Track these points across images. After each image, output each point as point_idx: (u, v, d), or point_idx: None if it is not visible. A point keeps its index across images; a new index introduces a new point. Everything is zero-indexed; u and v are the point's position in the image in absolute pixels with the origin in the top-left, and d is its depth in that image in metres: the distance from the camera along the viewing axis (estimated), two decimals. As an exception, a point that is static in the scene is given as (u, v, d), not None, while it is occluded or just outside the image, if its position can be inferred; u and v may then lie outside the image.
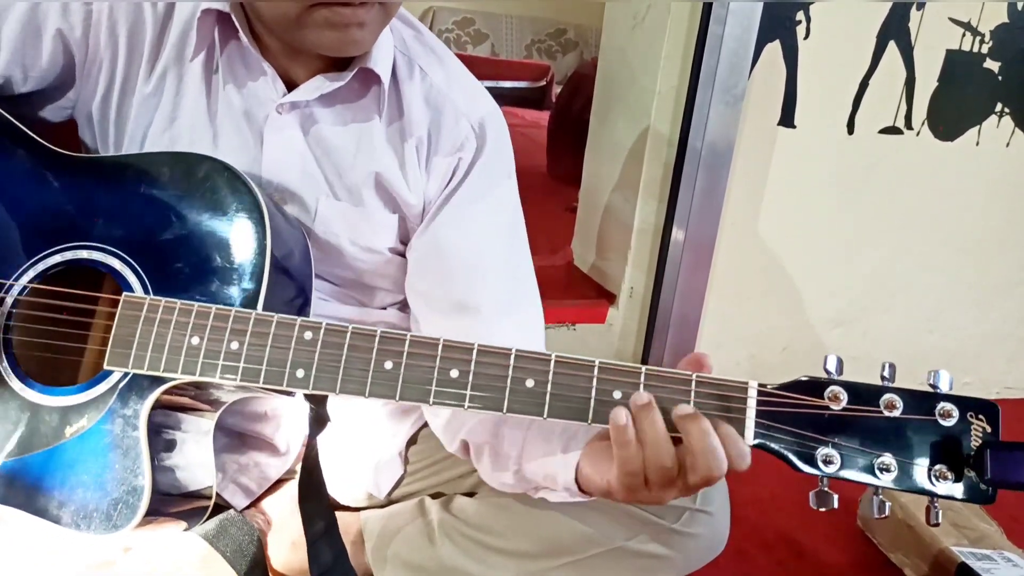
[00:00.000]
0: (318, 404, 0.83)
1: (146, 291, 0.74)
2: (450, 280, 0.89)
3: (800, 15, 1.59)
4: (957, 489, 0.61)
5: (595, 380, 0.65)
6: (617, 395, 0.65)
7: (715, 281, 1.75)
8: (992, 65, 1.76)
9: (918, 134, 1.78)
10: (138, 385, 0.73)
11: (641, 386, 0.65)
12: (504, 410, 0.66)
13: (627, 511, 0.88)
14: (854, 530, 1.44)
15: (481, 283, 0.89)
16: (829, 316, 1.94)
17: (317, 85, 0.82)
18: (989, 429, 0.62)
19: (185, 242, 0.76)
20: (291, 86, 0.84)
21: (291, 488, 1.00)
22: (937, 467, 0.62)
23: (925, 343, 2.06)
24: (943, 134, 1.80)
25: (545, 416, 0.65)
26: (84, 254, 0.77)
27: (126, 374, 0.73)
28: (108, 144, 0.87)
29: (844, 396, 0.64)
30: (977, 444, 0.61)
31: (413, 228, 0.91)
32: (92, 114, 0.86)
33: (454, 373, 0.67)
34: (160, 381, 0.72)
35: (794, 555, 1.36)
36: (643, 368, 0.65)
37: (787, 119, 1.68)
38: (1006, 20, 1.72)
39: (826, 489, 0.64)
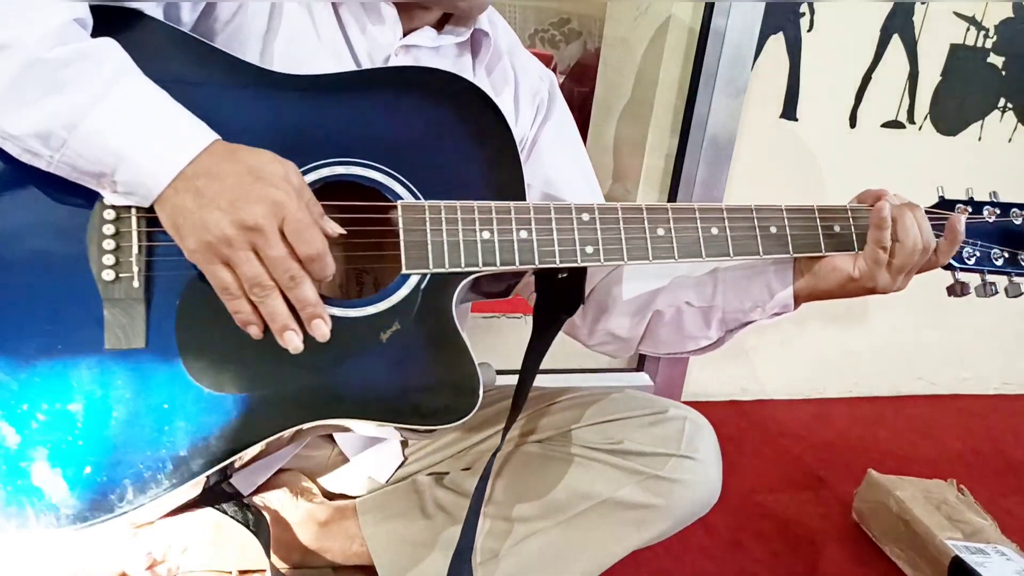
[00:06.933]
0: None
1: (416, 199, 0.76)
2: (559, 196, 0.97)
3: (804, 7, 1.59)
4: None
5: (818, 219, 0.84)
6: (836, 228, 0.84)
7: (715, 273, 1.75)
8: (996, 60, 1.76)
9: (920, 128, 1.78)
10: (436, 282, 0.75)
11: (850, 219, 0.84)
12: (761, 253, 0.82)
13: (612, 464, 0.88)
14: (849, 523, 1.45)
15: (582, 195, 0.98)
16: (827, 310, 1.94)
17: (432, 36, 0.88)
18: None
19: (439, 149, 0.77)
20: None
21: (289, 477, 1.00)
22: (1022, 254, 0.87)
23: (924, 338, 2.06)
24: (945, 129, 1.80)
25: (791, 253, 0.83)
26: (341, 170, 0.75)
27: (424, 275, 0.75)
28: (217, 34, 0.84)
29: (969, 209, 0.88)
30: None
31: None
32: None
33: (714, 231, 0.81)
34: (459, 276, 0.75)
35: (789, 547, 1.37)
36: (848, 206, 0.86)
37: (789, 112, 1.67)
38: (1011, 15, 1.72)
39: (962, 280, 0.88)
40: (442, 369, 0.74)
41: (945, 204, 0.89)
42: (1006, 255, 0.87)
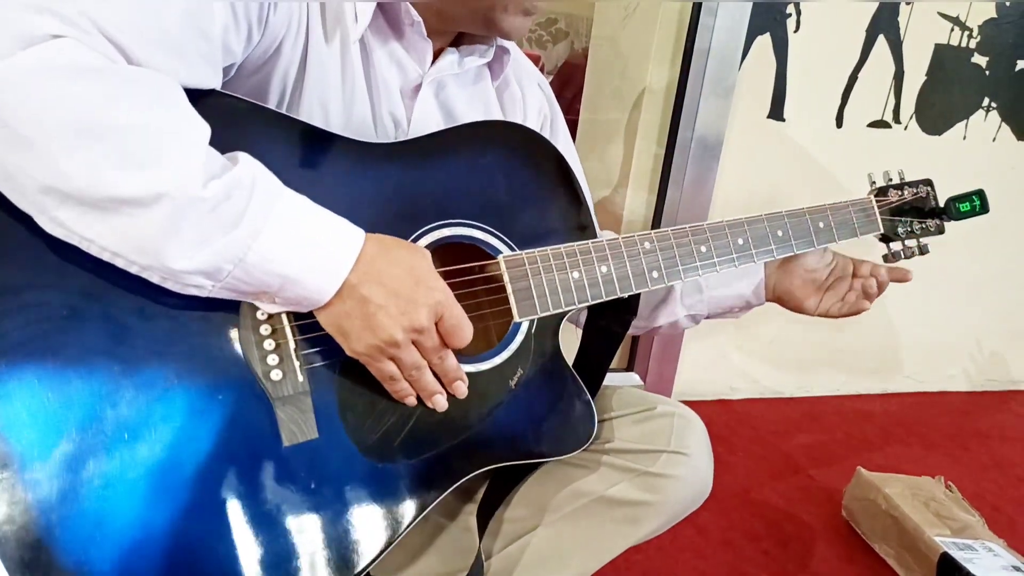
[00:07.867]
0: None
1: (512, 251, 0.81)
2: None
3: (791, 8, 1.60)
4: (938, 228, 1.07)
5: (808, 218, 0.97)
6: (821, 224, 0.98)
7: (704, 273, 1.75)
8: (980, 60, 1.77)
9: (906, 128, 1.79)
10: (542, 324, 0.84)
11: (829, 215, 0.98)
12: (775, 255, 0.95)
13: (604, 462, 0.88)
14: (839, 521, 1.46)
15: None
16: (816, 308, 1.95)
17: (455, 59, 0.88)
18: (937, 195, 1.07)
19: (520, 199, 0.83)
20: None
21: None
22: (931, 222, 1.07)
23: (911, 336, 2.07)
24: (931, 128, 1.81)
25: (795, 250, 0.96)
26: (447, 232, 0.79)
27: (532, 321, 0.82)
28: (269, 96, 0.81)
29: (899, 193, 1.05)
30: (937, 203, 1.07)
31: None
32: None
33: (740, 241, 0.92)
34: (557, 316, 0.83)
35: (780, 545, 1.38)
36: (827, 205, 0.99)
37: (777, 112, 1.68)
38: (994, 15, 1.73)
39: (895, 250, 1.06)
40: (565, 403, 0.84)
41: (881, 191, 1.05)
42: (921, 225, 1.06)
